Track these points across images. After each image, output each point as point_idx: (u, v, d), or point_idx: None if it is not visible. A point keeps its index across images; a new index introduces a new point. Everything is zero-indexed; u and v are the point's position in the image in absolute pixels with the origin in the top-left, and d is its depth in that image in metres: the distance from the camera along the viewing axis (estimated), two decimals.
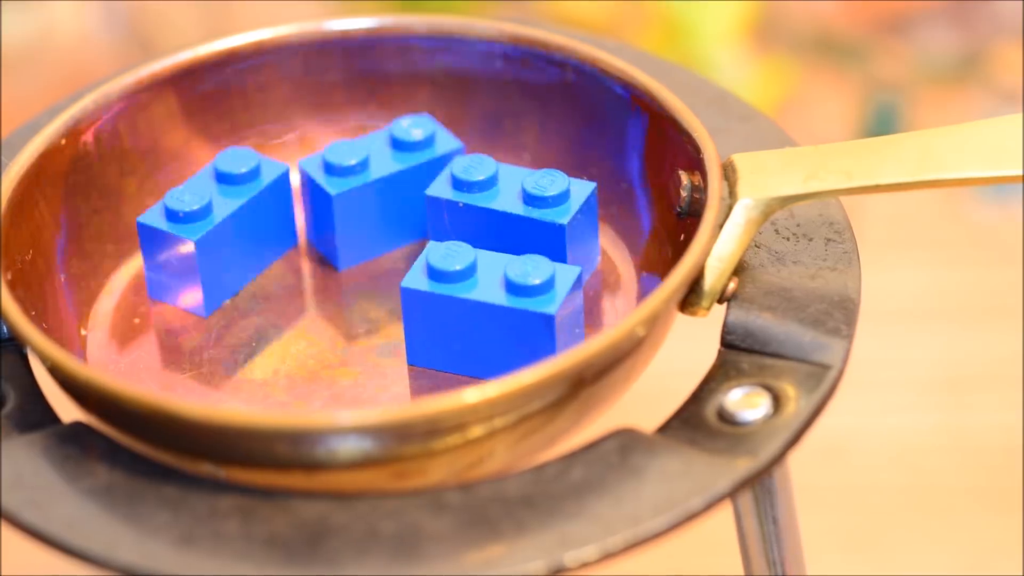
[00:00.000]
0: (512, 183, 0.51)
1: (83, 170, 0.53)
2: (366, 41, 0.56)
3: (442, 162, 0.53)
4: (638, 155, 0.53)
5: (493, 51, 0.55)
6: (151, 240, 0.51)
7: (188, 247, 0.51)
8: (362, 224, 0.53)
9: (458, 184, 0.51)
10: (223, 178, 0.52)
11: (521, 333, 0.48)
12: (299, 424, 0.44)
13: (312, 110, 0.56)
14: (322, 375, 0.50)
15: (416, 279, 0.49)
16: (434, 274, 0.48)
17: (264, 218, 0.53)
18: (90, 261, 0.53)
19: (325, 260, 0.54)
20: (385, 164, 0.53)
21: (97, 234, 0.53)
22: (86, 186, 0.53)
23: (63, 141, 0.52)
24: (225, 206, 0.51)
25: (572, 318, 0.48)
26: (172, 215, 0.51)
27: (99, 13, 1.11)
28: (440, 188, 0.51)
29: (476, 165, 0.51)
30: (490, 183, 0.51)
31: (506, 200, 0.51)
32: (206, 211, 0.51)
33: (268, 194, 0.53)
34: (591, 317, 0.51)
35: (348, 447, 0.44)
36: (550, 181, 0.51)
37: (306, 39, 0.55)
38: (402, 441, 0.44)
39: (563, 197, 0.51)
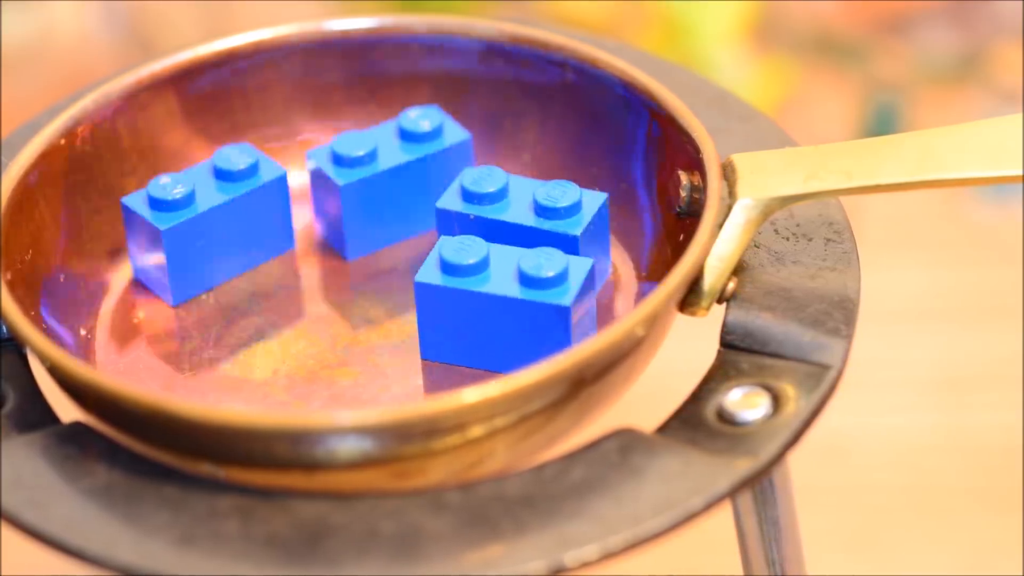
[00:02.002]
0: (523, 195, 0.51)
1: (83, 170, 0.53)
2: (366, 41, 0.56)
3: (450, 153, 0.53)
4: (638, 155, 0.53)
5: (493, 51, 0.55)
6: (131, 222, 0.52)
7: (157, 235, 0.51)
8: (371, 215, 0.53)
9: (468, 196, 0.51)
10: (219, 173, 0.52)
11: (536, 325, 0.48)
12: (299, 424, 0.44)
13: (312, 110, 0.56)
14: (322, 375, 0.50)
15: (429, 273, 0.49)
16: (447, 268, 0.48)
17: (254, 218, 0.52)
18: (90, 261, 0.53)
19: (325, 259, 0.54)
20: (393, 155, 0.53)
21: (97, 234, 0.53)
22: (86, 186, 0.53)
23: (63, 141, 0.52)
24: (209, 199, 0.51)
25: (587, 310, 0.48)
26: (154, 202, 0.51)
27: (99, 13, 1.11)
28: (450, 200, 0.51)
29: (486, 177, 0.51)
30: (500, 195, 0.51)
31: (517, 212, 0.51)
32: (187, 201, 0.51)
33: (260, 195, 0.52)
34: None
35: (348, 447, 0.44)
36: (561, 192, 0.51)
37: (306, 39, 0.55)
38: (402, 441, 0.44)
39: (575, 208, 0.50)
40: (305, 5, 1.09)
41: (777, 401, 0.46)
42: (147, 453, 0.45)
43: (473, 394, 0.44)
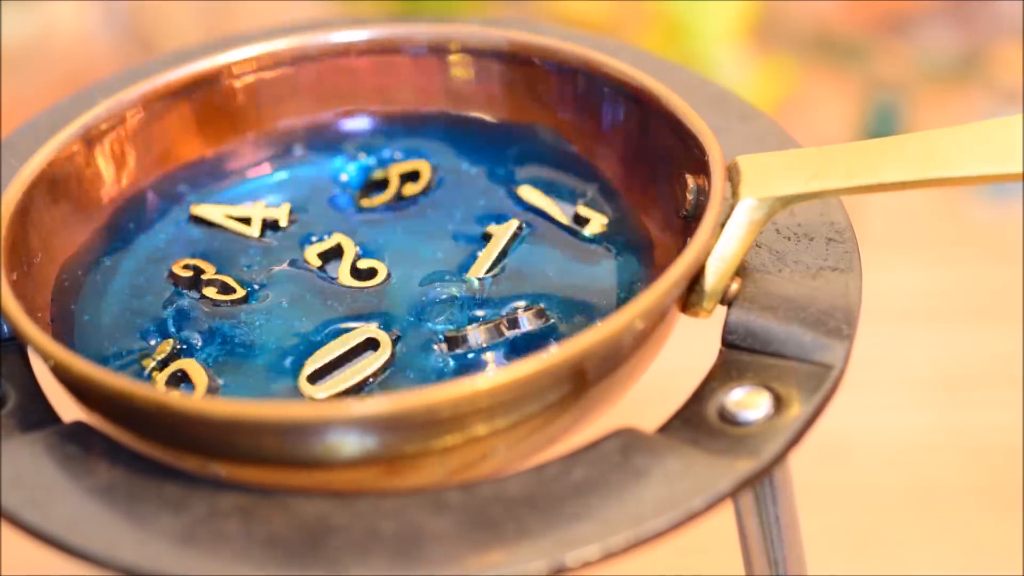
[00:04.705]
0: None
1: (96, 176, 0.53)
2: (376, 50, 0.56)
3: None
4: (642, 158, 0.53)
5: (494, 55, 0.55)
6: None
7: None
8: None
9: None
10: None
11: None
12: (300, 416, 0.44)
13: (327, 119, 0.56)
14: None
15: None
16: None
17: None
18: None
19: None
20: None
21: None
22: (100, 192, 0.53)
23: (75, 147, 0.52)
24: None
25: None
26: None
27: (99, 13, 1.11)
28: None
29: None
30: None
31: None
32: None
33: None
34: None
35: (350, 440, 0.44)
36: None
37: (320, 50, 0.55)
38: (403, 435, 0.44)
39: None
40: (305, 5, 1.09)
41: (779, 401, 0.46)
42: (149, 452, 0.45)
43: (472, 384, 0.43)
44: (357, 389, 0.48)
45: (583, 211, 0.53)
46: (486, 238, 0.52)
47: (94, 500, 0.44)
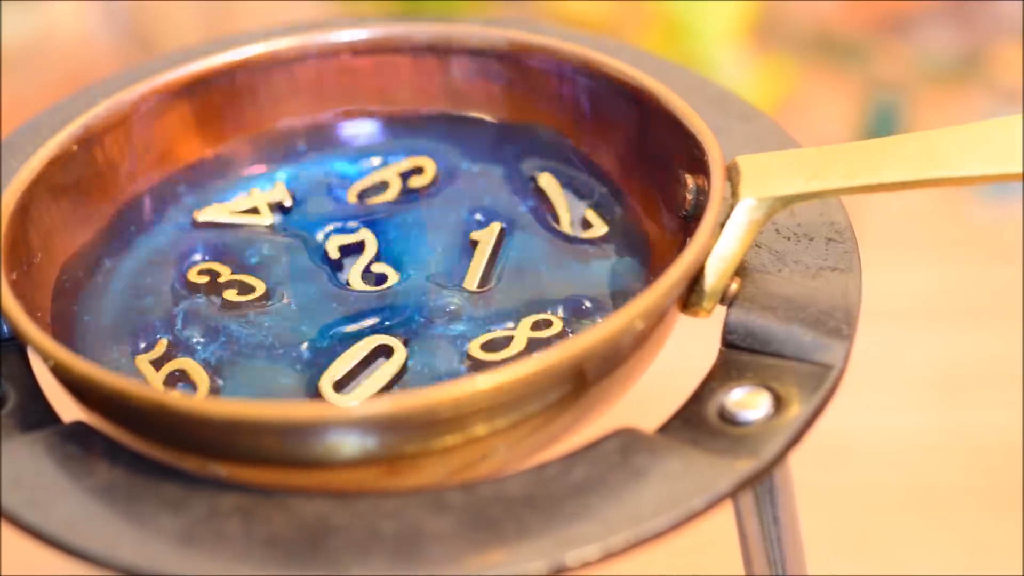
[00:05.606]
0: None
1: (96, 176, 0.53)
2: (376, 50, 0.56)
3: None
4: (642, 158, 0.53)
5: (494, 55, 0.55)
6: None
7: None
8: None
9: None
10: None
11: None
12: (300, 417, 0.44)
13: (327, 119, 0.56)
14: None
15: None
16: None
17: None
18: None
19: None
20: None
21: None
22: (100, 191, 0.53)
23: (75, 147, 0.52)
24: None
25: None
26: None
27: (99, 13, 1.11)
28: None
29: None
30: None
31: None
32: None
33: None
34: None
35: (348, 441, 0.44)
36: None
37: (320, 50, 0.55)
38: (403, 436, 0.44)
39: None
40: (306, 5, 1.09)
41: (778, 401, 0.46)
42: (149, 452, 0.45)
43: (472, 384, 0.43)
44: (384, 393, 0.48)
45: (588, 213, 0.53)
46: (473, 246, 0.52)
47: (94, 500, 0.44)
